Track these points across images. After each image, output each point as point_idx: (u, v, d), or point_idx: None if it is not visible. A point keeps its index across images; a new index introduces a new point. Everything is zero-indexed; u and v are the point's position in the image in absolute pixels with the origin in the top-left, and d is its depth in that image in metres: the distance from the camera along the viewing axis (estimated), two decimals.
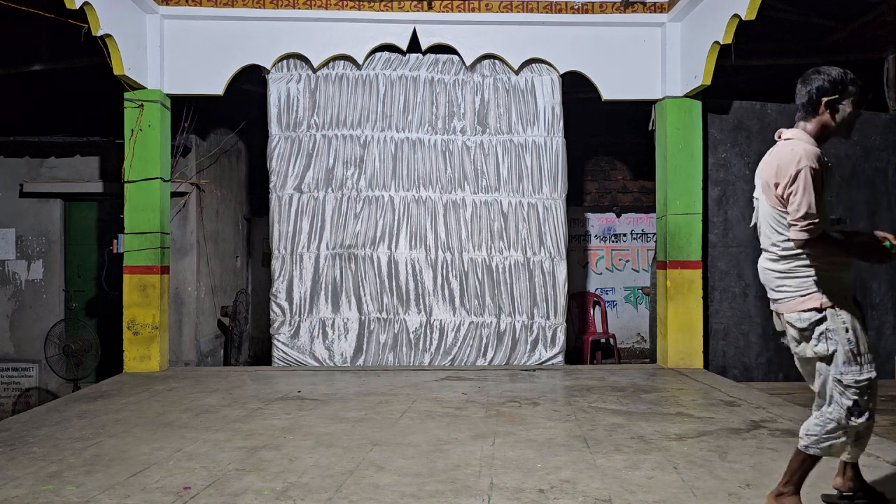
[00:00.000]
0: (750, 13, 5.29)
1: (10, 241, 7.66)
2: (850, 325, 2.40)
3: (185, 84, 6.37)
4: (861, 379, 2.38)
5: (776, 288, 2.56)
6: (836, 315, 2.41)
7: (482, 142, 6.72)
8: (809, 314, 2.44)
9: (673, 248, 6.37)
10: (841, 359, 2.39)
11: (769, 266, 2.59)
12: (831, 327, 2.40)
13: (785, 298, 2.53)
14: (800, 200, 2.36)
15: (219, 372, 6.35)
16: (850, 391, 2.38)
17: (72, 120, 8.60)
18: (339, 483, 3.03)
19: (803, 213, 2.36)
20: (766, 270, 2.61)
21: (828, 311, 2.41)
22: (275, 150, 6.64)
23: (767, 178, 2.51)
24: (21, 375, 7.55)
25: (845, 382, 2.38)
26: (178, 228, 7.45)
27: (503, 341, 6.65)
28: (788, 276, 2.50)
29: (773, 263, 2.57)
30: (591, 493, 2.87)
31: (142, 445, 3.66)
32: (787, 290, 2.51)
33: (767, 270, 2.60)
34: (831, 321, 2.41)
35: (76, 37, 5.60)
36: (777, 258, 2.54)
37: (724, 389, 5.23)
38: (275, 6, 6.33)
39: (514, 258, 6.69)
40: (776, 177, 2.45)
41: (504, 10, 6.44)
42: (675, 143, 6.38)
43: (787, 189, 2.40)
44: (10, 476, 3.15)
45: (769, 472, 3.14)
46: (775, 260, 2.55)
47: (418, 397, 4.97)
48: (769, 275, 2.59)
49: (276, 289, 6.59)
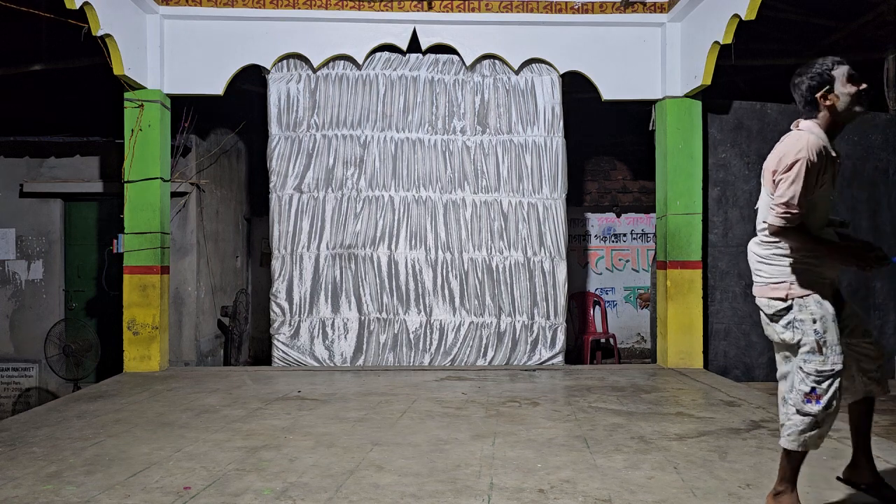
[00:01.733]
0: (750, 13, 5.30)
1: (10, 241, 7.66)
2: (817, 317, 2.44)
3: (185, 84, 6.37)
4: (823, 369, 2.41)
5: (755, 271, 2.64)
6: (804, 306, 2.46)
7: (482, 142, 6.72)
8: (776, 303, 2.52)
9: (673, 248, 6.37)
10: (805, 348, 2.44)
11: (754, 249, 2.65)
12: (799, 317, 2.46)
13: (759, 283, 2.62)
14: (786, 188, 2.40)
15: (219, 372, 6.35)
16: (810, 378, 2.42)
17: (72, 120, 8.61)
18: (339, 483, 3.03)
19: (785, 200, 2.40)
20: (750, 252, 2.68)
21: (795, 300, 2.47)
22: (275, 150, 6.64)
23: (769, 164, 2.54)
24: (21, 375, 7.55)
25: (806, 370, 2.43)
26: (178, 228, 7.45)
27: (503, 341, 6.65)
28: (765, 262, 2.58)
29: (756, 247, 2.63)
30: (591, 493, 2.87)
31: (142, 445, 3.66)
32: (762, 275, 2.59)
33: (752, 252, 2.67)
34: (798, 311, 2.47)
35: (76, 37, 5.60)
36: (760, 242, 2.61)
37: (724, 389, 5.23)
38: (275, 6, 6.33)
39: (514, 258, 6.69)
40: (776, 163, 2.48)
41: (504, 10, 6.44)
42: (675, 143, 6.38)
43: (780, 175, 2.44)
44: (10, 476, 3.15)
45: (769, 472, 3.13)
46: (759, 244, 2.62)
47: (418, 397, 4.97)
48: (752, 257, 2.66)
49: (276, 289, 6.59)
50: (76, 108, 8.88)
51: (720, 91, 6.53)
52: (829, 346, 2.42)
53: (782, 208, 2.41)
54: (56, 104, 9.01)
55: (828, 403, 2.41)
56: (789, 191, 2.39)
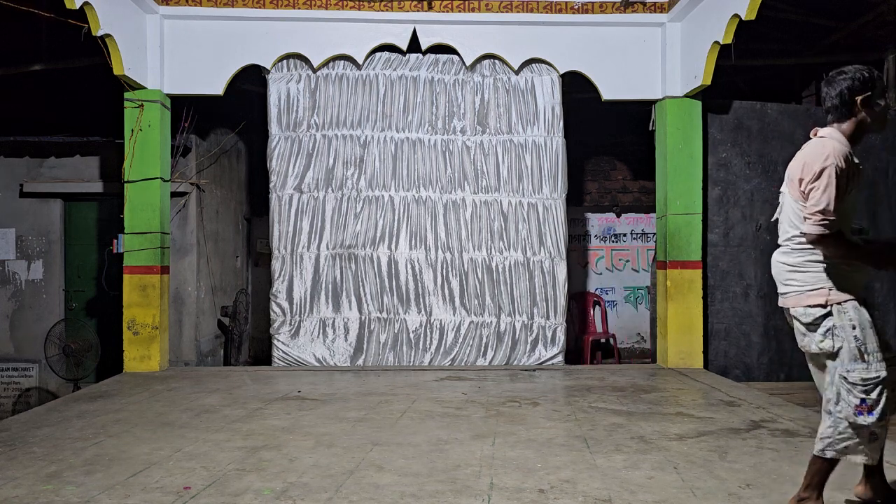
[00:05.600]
0: (750, 13, 5.30)
1: (10, 241, 7.66)
2: (857, 323, 2.38)
3: (185, 84, 6.36)
4: (868, 377, 2.34)
5: (785, 281, 2.56)
6: (843, 312, 2.40)
7: (482, 142, 6.72)
8: (815, 310, 2.44)
9: (673, 248, 6.37)
10: (847, 356, 2.38)
11: (781, 259, 2.58)
12: (838, 324, 2.40)
13: (792, 293, 2.53)
14: (820, 196, 2.34)
15: (219, 372, 6.35)
16: (857, 389, 2.35)
17: (72, 120, 8.60)
18: (339, 483, 3.03)
19: (821, 208, 2.34)
20: (778, 263, 2.60)
21: (833, 307, 2.41)
22: (275, 150, 6.64)
23: (793, 172, 2.51)
24: (21, 375, 7.55)
25: (851, 380, 2.36)
26: (178, 228, 7.45)
27: (503, 341, 6.65)
28: (798, 270, 2.50)
29: (785, 256, 2.56)
30: (591, 493, 2.87)
31: (142, 445, 3.66)
32: (795, 284, 2.51)
33: (780, 263, 2.59)
34: (837, 318, 2.40)
35: (76, 37, 5.60)
36: (790, 251, 2.54)
37: (724, 389, 5.23)
38: (275, 6, 6.33)
39: (514, 258, 6.69)
40: (801, 172, 2.44)
41: (504, 10, 6.44)
42: (675, 143, 6.38)
43: (810, 184, 2.39)
44: (10, 476, 3.15)
45: (769, 472, 3.14)
46: (787, 253, 2.55)
47: (418, 397, 4.97)
48: (780, 268, 2.58)
49: (276, 289, 6.59)
50: (76, 108, 8.88)
51: (720, 91, 6.52)
52: (871, 353, 2.36)
53: (818, 216, 2.34)
54: (56, 104, 9.01)
55: (882, 414, 2.34)
56: (823, 198, 2.33)
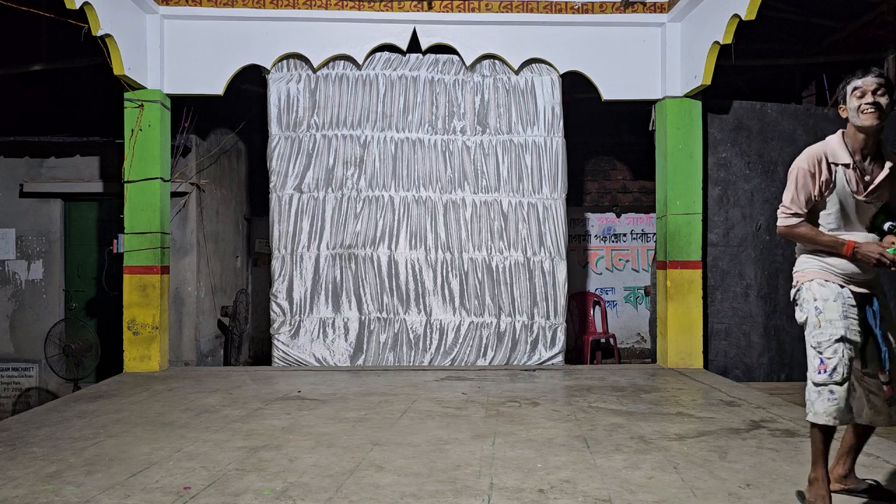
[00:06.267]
0: (750, 13, 5.30)
1: (10, 241, 7.66)
2: (817, 296, 2.61)
3: (185, 84, 6.37)
4: (822, 339, 2.53)
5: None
6: (809, 289, 2.67)
7: (482, 142, 6.72)
8: (794, 289, 2.78)
9: (673, 248, 6.37)
10: (810, 325, 2.62)
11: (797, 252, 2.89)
12: (804, 297, 2.68)
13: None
14: (784, 192, 2.69)
15: (219, 372, 6.35)
16: (815, 351, 2.56)
17: (72, 120, 8.60)
18: (339, 483, 3.03)
19: (783, 203, 2.69)
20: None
21: (803, 284, 2.70)
22: (275, 150, 6.64)
23: None
24: (21, 375, 7.56)
25: (812, 344, 2.58)
26: (178, 228, 7.45)
27: (503, 341, 6.65)
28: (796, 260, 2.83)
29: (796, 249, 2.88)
30: (591, 493, 2.87)
31: (142, 445, 3.66)
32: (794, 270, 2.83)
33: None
34: (805, 293, 2.68)
35: (76, 37, 5.60)
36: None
37: (724, 389, 5.23)
38: (275, 6, 6.33)
39: (514, 258, 6.69)
40: None
41: (504, 10, 6.44)
42: (675, 143, 6.38)
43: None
44: (10, 476, 3.15)
45: (769, 472, 3.14)
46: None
47: (418, 397, 4.97)
48: None
49: (276, 289, 6.59)
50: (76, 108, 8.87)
51: (720, 91, 6.53)
52: (828, 321, 2.54)
53: (780, 210, 2.70)
54: (56, 104, 9.00)
55: (833, 369, 2.48)
56: (786, 195, 2.68)
